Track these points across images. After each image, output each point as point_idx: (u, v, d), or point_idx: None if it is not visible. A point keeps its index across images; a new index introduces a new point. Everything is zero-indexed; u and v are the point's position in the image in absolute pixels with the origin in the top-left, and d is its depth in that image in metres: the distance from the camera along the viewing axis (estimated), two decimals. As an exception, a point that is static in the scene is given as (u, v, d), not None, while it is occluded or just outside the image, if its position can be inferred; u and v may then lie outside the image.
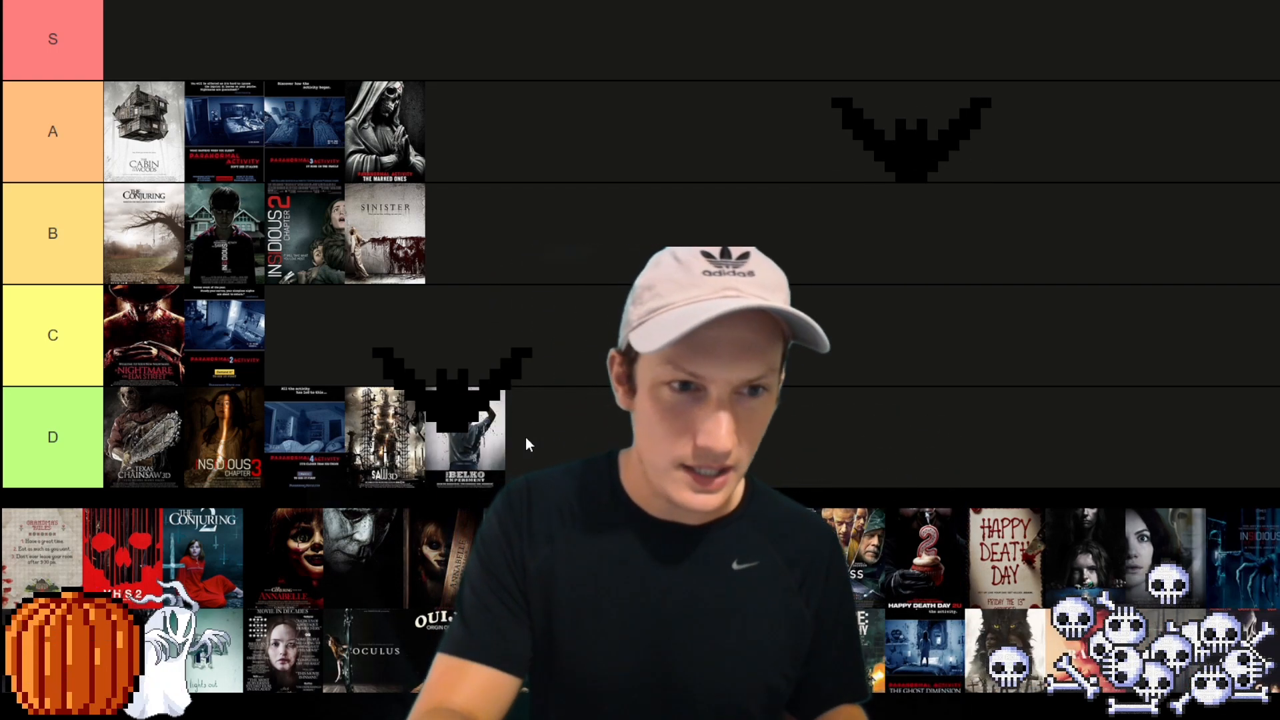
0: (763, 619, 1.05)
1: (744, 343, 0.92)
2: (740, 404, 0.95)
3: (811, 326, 0.95)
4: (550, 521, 1.05)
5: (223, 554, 2.07)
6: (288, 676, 2.07)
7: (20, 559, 2.06)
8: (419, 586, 2.08)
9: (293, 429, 2.08)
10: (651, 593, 1.03)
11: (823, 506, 2.07)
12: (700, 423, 0.93)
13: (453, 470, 2.09)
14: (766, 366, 0.94)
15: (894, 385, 2.06)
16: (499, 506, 1.08)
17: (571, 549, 1.04)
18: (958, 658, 2.08)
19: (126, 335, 2.08)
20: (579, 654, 1.03)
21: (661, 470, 0.98)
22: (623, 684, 1.02)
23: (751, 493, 1.11)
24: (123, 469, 2.07)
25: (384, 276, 2.09)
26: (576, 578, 1.04)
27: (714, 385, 0.93)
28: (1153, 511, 2.08)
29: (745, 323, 0.92)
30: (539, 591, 1.04)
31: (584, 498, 1.06)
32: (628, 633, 1.02)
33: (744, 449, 0.97)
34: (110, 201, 2.08)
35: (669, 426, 0.95)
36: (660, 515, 1.05)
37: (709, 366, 0.92)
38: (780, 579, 1.07)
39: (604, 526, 1.05)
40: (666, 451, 0.96)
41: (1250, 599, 2.07)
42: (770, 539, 1.08)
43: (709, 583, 1.04)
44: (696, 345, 0.91)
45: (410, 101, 2.09)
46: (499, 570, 1.05)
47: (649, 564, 1.03)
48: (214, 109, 2.08)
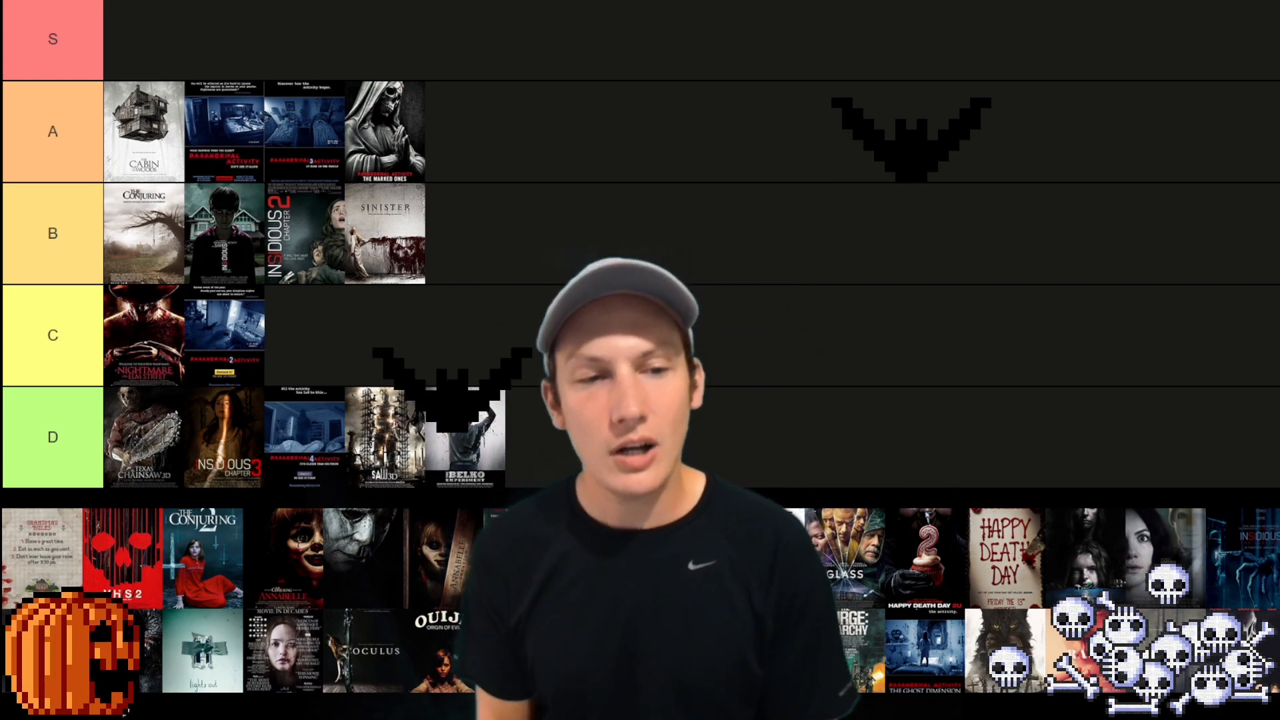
0: (721, 614, 1.10)
1: (630, 320, 1.03)
2: (647, 382, 1.04)
3: (675, 285, 1.05)
4: (519, 559, 1.14)
5: (223, 554, 2.07)
6: (288, 676, 2.07)
7: (20, 559, 2.06)
8: (419, 586, 2.08)
9: (293, 429, 2.08)
10: (616, 599, 1.10)
11: (823, 506, 2.07)
12: (612, 402, 1.03)
13: (453, 470, 2.09)
14: (657, 339, 1.04)
15: (894, 385, 2.06)
16: (472, 572, 1.19)
17: (544, 575, 1.13)
18: (958, 658, 2.08)
19: (126, 335, 2.08)
20: (557, 661, 1.11)
21: (597, 464, 1.06)
22: (598, 685, 1.10)
23: (710, 492, 1.15)
24: (123, 469, 2.07)
25: (384, 276, 2.09)
26: (550, 596, 1.12)
27: (615, 364, 1.03)
28: (1153, 511, 2.08)
29: (628, 304, 1.03)
30: (525, 619, 1.14)
31: (546, 523, 1.14)
32: (598, 638, 1.10)
33: (661, 422, 1.04)
34: (110, 201, 2.08)
35: (590, 416, 1.04)
36: (617, 524, 1.11)
37: (603, 346, 1.03)
38: (739, 576, 1.11)
39: (567, 544, 1.13)
40: (594, 441, 1.04)
41: (1250, 599, 2.07)
42: (728, 537, 1.12)
43: (667, 584, 1.10)
44: (589, 331, 1.03)
45: (410, 101, 2.09)
46: (489, 625, 1.17)
47: (611, 572, 1.10)
48: (214, 109, 2.09)
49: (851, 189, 2.07)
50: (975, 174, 2.06)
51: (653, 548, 1.11)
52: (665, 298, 1.06)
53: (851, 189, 2.07)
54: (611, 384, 1.03)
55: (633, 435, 1.03)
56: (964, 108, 2.05)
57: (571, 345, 1.05)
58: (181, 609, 2.07)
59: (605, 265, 1.04)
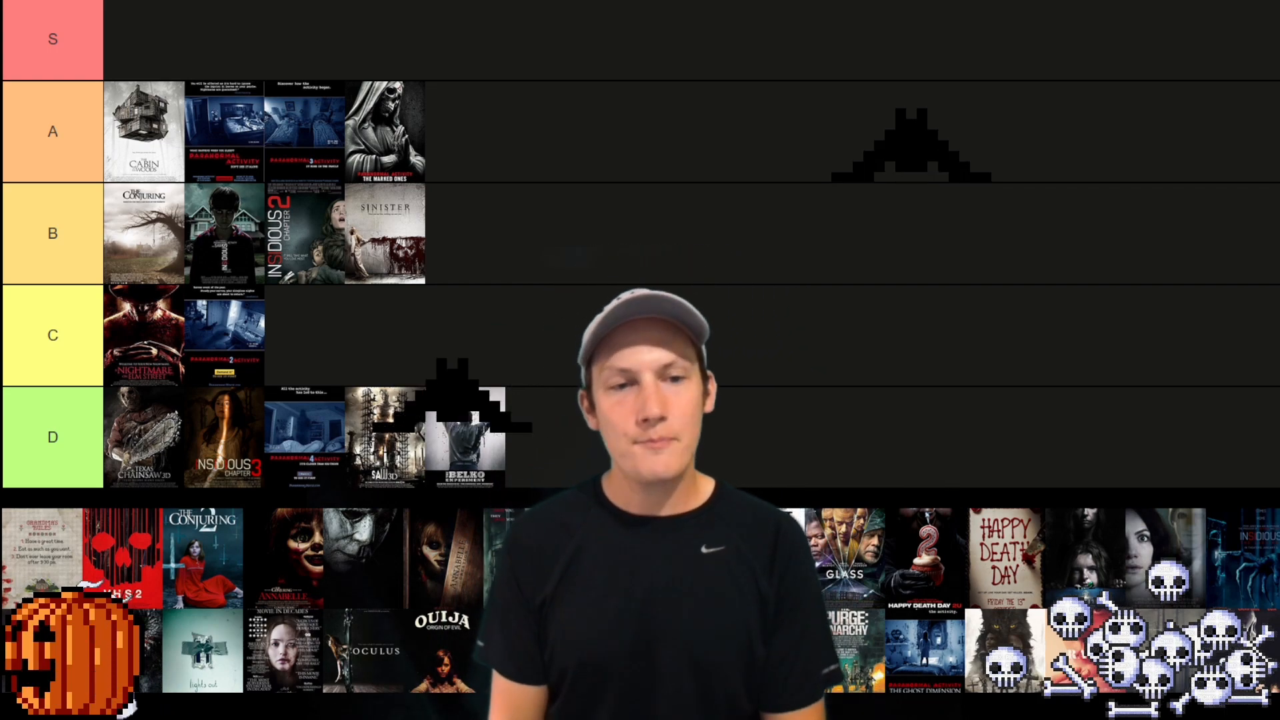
0: (730, 594, 1.25)
1: (653, 338, 1.23)
2: (667, 389, 1.22)
3: (690, 310, 1.24)
4: (549, 541, 1.29)
5: (223, 554, 2.07)
6: (288, 676, 2.07)
7: (20, 559, 2.06)
8: (419, 586, 2.08)
9: (293, 429, 2.08)
10: (635, 577, 1.24)
11: (823, 506, 2.07)
12: (638, 403, 1.22)
13: (453, 470, 2.09)
14: (676, 353, 1.23)
15: (894, 385, 2.06)
16: (504, 553, 1.33)
17: (570, 555, 1.27)
18: (958, 658, 2.08)
19: (126, 335, 2.08)
20: (579, 636, 1.24)
21: (623, 453, 1.23)
22: (617, 656, 1.23)
23: (718, 493, 1.31)
24: (123, 469, 2.07)
25: (384, 276, 2.09)
26: (575, 575, 1.26)
27: (641, 372, 1.22)
28: (1153, 511, 2.08)
29: (652, 326, 1.24)
30: (549, 600, 1.27)
31: (574, 512, 1.30)
32: (618, 614, 1.23)
33: (679, 421, 1.22)
34: (110, 201, 2.08)
35: (619, 415, 1.23)
36: (638, 512, 1.27)
37: (630, 358, 1.22)
38: (745, 562, 1.26)
39: (591, 529, 1.28)
40: (622, 434, 1.23)
41: (1250, 599, 2.07)
42: (735, 528, 1.28)
43: (682, 565, 1.25)
44: (620, 347, 1.23)
45: (410, 101, 2.09)
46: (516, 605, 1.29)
47: (631, 554, 1.26)
48: (214, 109, 2.09)
49: (851, 189, 2.07)
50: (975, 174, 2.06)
51: (669, 532, 1.26)
52: (683, 320, 1.25)
53: (851, 189, 2.07)
54: (638, 390, 1.22)
55: (653, 432, 1.21)
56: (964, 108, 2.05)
57: (604, 359, 1.24)
58: (181, 609, 2.07)
59: (633, 295, 1.24)
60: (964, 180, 2.06)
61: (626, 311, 1.24)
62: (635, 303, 1.24)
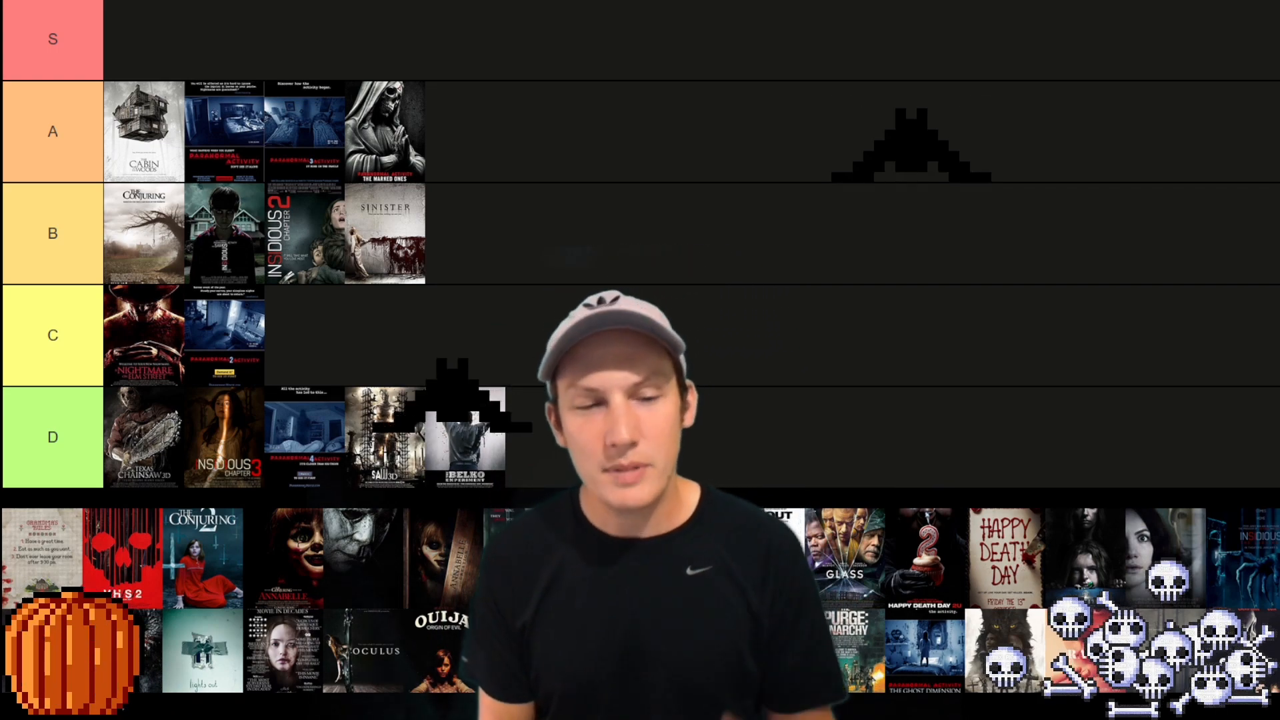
0: (718, 617, 1.18)
1: (622, 354, 1.12)
2: (639, 409, 1.12)
3: (661, 321, 1.15)
4: (526, 563, 1.22)
5: (223, 554, 2.07)
6: (288, 676, 2.07)
7: (20, 559, 2.06)
8: (419, 586, 2.08)
9: (293, 429, 2.08)
10: (617, 605, 1.17)
11: (823, 506, 2.07)
12: (607, 427, 1.12)
13: (453, 470, 2.09)
14: (649, 370, 1.12)
15: (893, 385, 2.06)
16: (482, 574, 1.26)
17: (549, 578, 1.20)
18: (958, 658, 2.08)
19: (126, 335, 2.08)
20: (562, 663, 1.19)
21: (594, 479, 1.14)
22: (603, 682, 1.17)
23: (706, 502, 1.23)
24: (123, 469, 2.07)
25: (384, 276, 2.09)
26: (554, 601, 1.20)
27: (609, 393, 1.12)
28: (1153, 511, 2.08)
29: (621, 339, 1.12)
30: (530, 625, 1.21)
31: (551, 530, 1.22)
32: (602, 642, 1.17)
33: (652, 445, 1.12)
34: (110, 201, 2.08)
35: (587, 439, 1.13)
36: (618, 533, 1.19)
37: (598, 377, 1.12)
38: (734, 579, 1.19)
39: (570, 551, 1.20)
40: (591, 460, 1.13)
41: (1250, 599, 2.07)
42: (724, 544, 1.20)
43: (667, 589, 1.18)
44: (586, 364, 1.12)
45: (410, 101, 2.09)
46: (496, 626, 1.23)
47: (612, 579, 1.18)
48: (214, 109, 2.09)
49: (851, 189, 2.07)
50: (975, 174, 2.06)
51: (652, 555, 1.19)
52: (654, 332, 1.13)
53: (851, 189, 2.07)
54: (606, 411, 1.12)
55: (623, 460, 1.11)
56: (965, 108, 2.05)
57: (571, 376, 1.14)
58: (181, 609, 2.07)
59: (600, 305, 1.15)
60: (964, 180, 2.06)
61: (593, 324, 1.13)
62: (604, 315, 1.13)
